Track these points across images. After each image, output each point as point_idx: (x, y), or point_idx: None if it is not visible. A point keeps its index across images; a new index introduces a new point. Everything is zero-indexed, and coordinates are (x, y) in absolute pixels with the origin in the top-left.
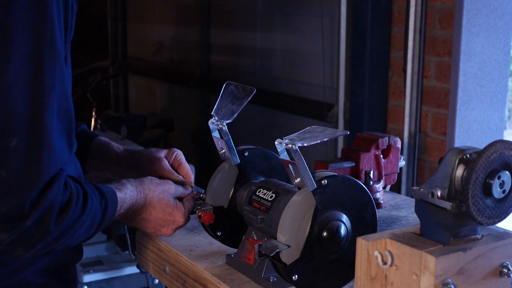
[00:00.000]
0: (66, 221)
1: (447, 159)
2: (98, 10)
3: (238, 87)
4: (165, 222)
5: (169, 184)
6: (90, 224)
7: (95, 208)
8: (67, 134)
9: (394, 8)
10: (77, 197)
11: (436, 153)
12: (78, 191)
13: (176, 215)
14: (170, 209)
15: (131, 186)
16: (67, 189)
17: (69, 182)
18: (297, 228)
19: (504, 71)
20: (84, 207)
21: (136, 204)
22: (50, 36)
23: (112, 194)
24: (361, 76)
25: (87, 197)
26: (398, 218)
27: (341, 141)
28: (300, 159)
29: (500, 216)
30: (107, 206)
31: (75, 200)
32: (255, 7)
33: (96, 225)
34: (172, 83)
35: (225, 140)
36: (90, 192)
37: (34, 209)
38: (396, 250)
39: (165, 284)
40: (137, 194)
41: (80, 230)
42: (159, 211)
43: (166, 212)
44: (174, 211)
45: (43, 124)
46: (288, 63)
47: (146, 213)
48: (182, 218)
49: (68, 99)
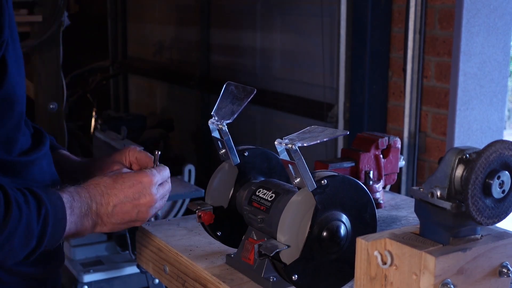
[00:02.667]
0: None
1: (447, 159)
2: (98, 10)
3: (238, 88)
4: (138, 191)
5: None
6: (24, 236)
7: (26, 218)
8: None
9: (394, 8)
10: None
11: (436, 153)
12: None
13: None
14: (134, 178)
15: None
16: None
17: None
18: (297, 228)
19: (504, 71)
20: (6, 218)
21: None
22: None
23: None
24: (361, 76)
25: (10, 207)
26: (398, 218)
27: (341, 141)
28: (300, 159)
29: (500, 216)
30: (48, 213)
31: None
32: (255, 7)
33: (36, 237)
34: (172, 83)
35: (225, 140)
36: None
37: None
38: (395, 250)
39: (165, 284)
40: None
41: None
42: (122, 187)
43: (131, 184)
44: (140, 176)
45: None
46: (288, 63)
47: (111, 198)
48: (151, 177)
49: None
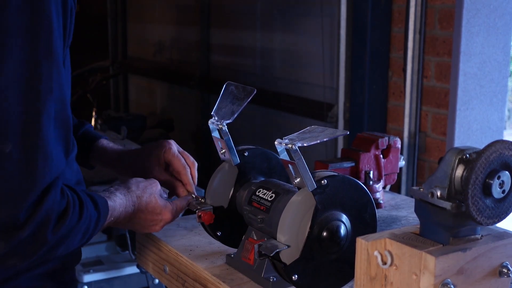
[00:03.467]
0: (63, 230)
1: (447, 159)
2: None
3: (239, 88)
4: (153, 221)
5: (155, 183)
6: (84, 232)
7: (89, 217)
8: (64, 141)
9: (394, 8)
10: (73, 205)
11: (436, 153)
12: (74, 199)
13: (164, 214)
14: (158, 210)
15: (120, 195)
16: (64, 197)
17: (65, 190)
18: (297, 228)
19: (504, 71)
20: (80, 215)
21: (125, 212)
22: (46, 40)
23: (104, 203)
24: (361, 76)
25: (82, 205)
26: (398, 218)
27: (341, 141)
28: (300, 159)
29: (500, 216)
30: (100, 215)
31: (72, 209)
32: (255, 7)
33: (89, 233)
34: (172, 83)
35: (225, 140)
36: (85, 200)
37: (30, 219)
38: (395, 250)
39: (165, 284)
40: (126, 202)
41: (75, 238)
42: (147, 213)
43: (154, 213)
44: (163, 210)
45: (39, 130)
46: (288, 63)
47: (135, 218)
48: (169, 216)
49: (66, 105)
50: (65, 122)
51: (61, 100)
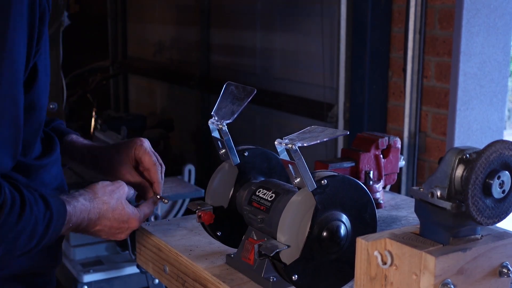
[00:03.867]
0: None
1: (447, 159)
2: (98, 10)
3: (239, 88)
4: (120, 229)
5: (122, 187)
6: (29, 235)
7: (35, 219)
8: (11, 142)
9: (394, 8)
10: (11, 205)
11: (436, 153)
12: (15, 198)
13: (131, 221)
14: (125, 217)
15: (84, 200)
16: (0, 195)
17: (3, 189)
18: (297, 228)
19: (504, 71)
20: (20, 216)
21: (88, 218)
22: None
23: (60, 206)
24: (361, 76)
25: (24, 206)
26: (398, 218)
27: (341, 141)
28: (300, 159)
29: (500, 216)
30: (52, 218)
31: (9, 208)
32: (255, 7)
33: (37, 237)
34: (172, 83)
35: (225, 140)
36: (32, 201)
37: None
38: (395, 250)
39: (165, 284)
40: (89, 209)
41: (16, 241)
42: (113, 221)
43: (120, 221)
44: (130, 218)
45: None
46: (288, 63)
47: (100, 225)
48: (136, 223)
49: (18, 106)
50: (15, 124)
51: (13, 100)
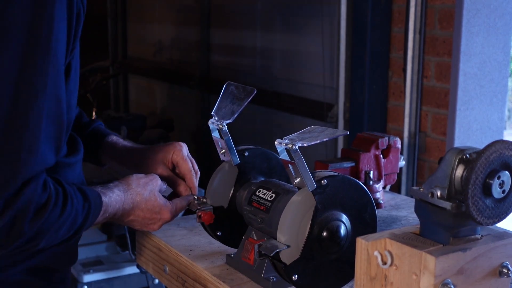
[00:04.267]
0: (41, 222)
1: (447, 159)
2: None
3: (239, 88)
4: (152, 220)
5: (156, 179)
6: (69, 226)
7: (75, 211)
8: (55, 138)
9: (394, 8)
10: (56, 199)
11: (436, 153)
12: (58, 192)
13: (163, 213)
14: (157, 208)
15: (118, 191)
16: (46, 190)
17: (48, 184)
18: (297, 228)
19: (504, 71)
20: (63, 209)
21: (122, 209)
22: (46, 38)
23: (96, 198)
24: (361, 76)
25: (67, 199)
26: (398, 218)
27: (341, 141)
28: (300, 159)
29: (500, 216)
30: (90, 209)
31: (54, 202)
32: (255, 7)
33: (76, 228)
34: (172, 83)
35: (225, 140)
36: (73, 194)
37: (7, 209)
38: (396, 250)
39: (165, 284)
40: (124, 199)
41: (58, 232)
42: (146, 211)
43: (153, 211)
44: (162, 209)
45: (26, 124)
46: (288, 63)
47: (133, 215)
48: (168, 215)
49: (61, 104)
50: (58, 120)
51: (57, 98)
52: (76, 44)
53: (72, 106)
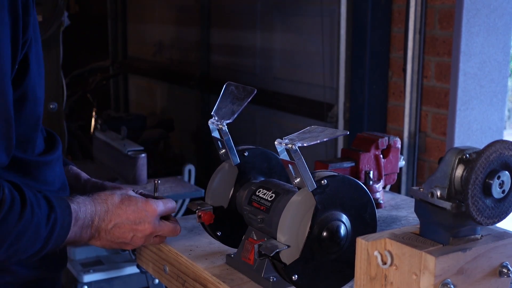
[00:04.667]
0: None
1: (447, 159)
2: (98, 10)
3: (239, 88)
4: (140, 219)
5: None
6: (32, 236)
7: (37, 219)
8: (4, 136)
9: (394, 8)
10: (10, 205)
11: (436, 153)
12: (14, 198)
13: (148, 206)
14: (138, 204)
15: (87, 197)
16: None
17: (3, 189)
18: (297, 228)
19: (504, 71)
20: (20, 216)
21: (97, 211)
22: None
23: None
24: (361, 76)
25: (25, 206)
26: (398, 218)
27: (341, 141)
28: (300, 159)
29: (500, 216)
30: (57, 219)
31: (7, 208)
32: (255, 7)
33: (42, 240)
34: (172, 83)
35: (225, 140)
36: (33, 200)
37: None
38: (395, 250)
39: (165, 284)
40: (94, 201)
41: (19, 242)
42: (126, 210)
43: (136, 209)
44: (144, 203)
45: None
46: (288, 63)
47: (115, 217)
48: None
49: (6, 100)
50: (4, 116)
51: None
52: (29, 35)
53: (39, 98)
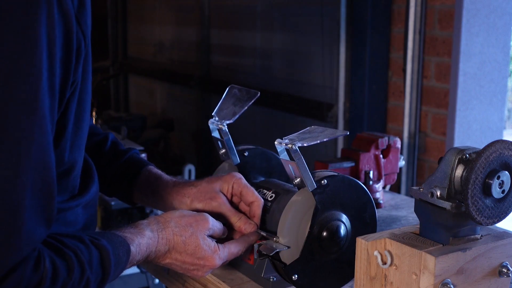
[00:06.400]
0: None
1: (447, 159)
2: (98, 10)
3: (242, 90)
4: (194, 266)
5: (204, 221)
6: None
7: (86, 282)
8: (44, 210)
9: (394, 8)
10: (52, 278)
11: (436, 153)
12: (56, 268)
13: (208, 259)
14: (200, 253)
15: (150, 233)
16: (38, 270)
17: (42, 261)
18: (297, 228)
19: (504, 71)
20: (66, 283)
21: (156, 251)
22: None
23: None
24: (361, 76)
25: (72, 272)
26: (398, 218)
27: (341, 141)
28: (300, 159)
29: (500, 216)
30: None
31: (49, 284)
32: (255, 7)
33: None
34: (172, 83)
35: (225, 140)
36: (83, 261)
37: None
38: (395, 250)
39: (165, 284)
40: (157, 242)
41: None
42: (185, 256)
43: (195, 257)
44: (206, 255)
45: (5, 204)
46: (288, 63)
47: (170, 258)
48: (214, 262)
49: (49, 171)
50: (46, 190)
51: (43, 165)
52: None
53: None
